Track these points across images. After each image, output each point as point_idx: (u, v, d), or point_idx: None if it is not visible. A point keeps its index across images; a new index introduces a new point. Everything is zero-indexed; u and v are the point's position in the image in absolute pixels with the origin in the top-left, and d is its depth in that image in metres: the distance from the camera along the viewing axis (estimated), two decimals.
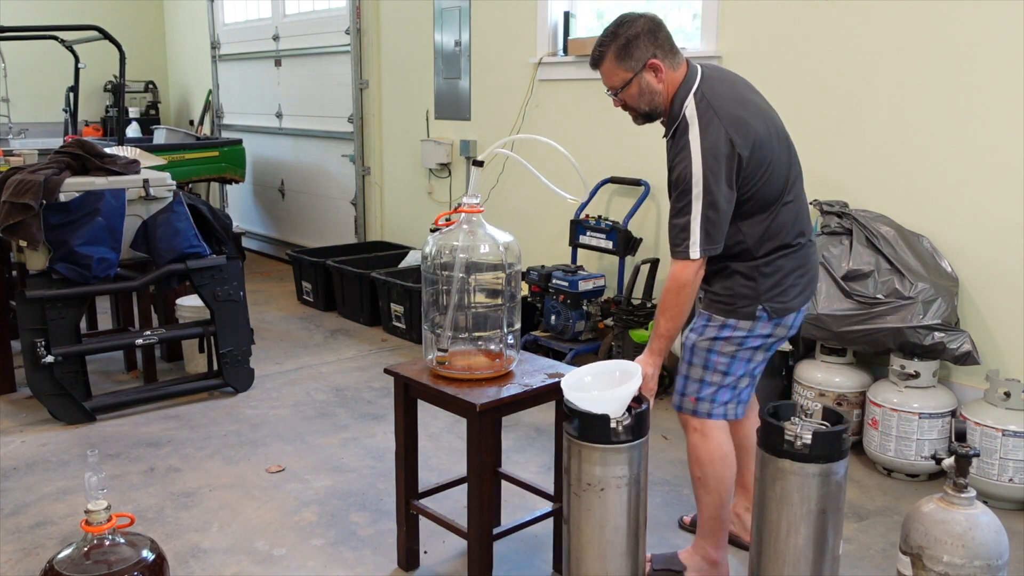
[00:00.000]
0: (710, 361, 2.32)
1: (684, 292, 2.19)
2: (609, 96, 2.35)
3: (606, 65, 2.29)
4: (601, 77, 2.32)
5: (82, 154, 3.79)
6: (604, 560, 2.04)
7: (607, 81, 2.31)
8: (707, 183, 2.18)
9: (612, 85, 2.31)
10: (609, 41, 2.26)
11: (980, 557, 1.83)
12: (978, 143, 3.16)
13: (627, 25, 2.25)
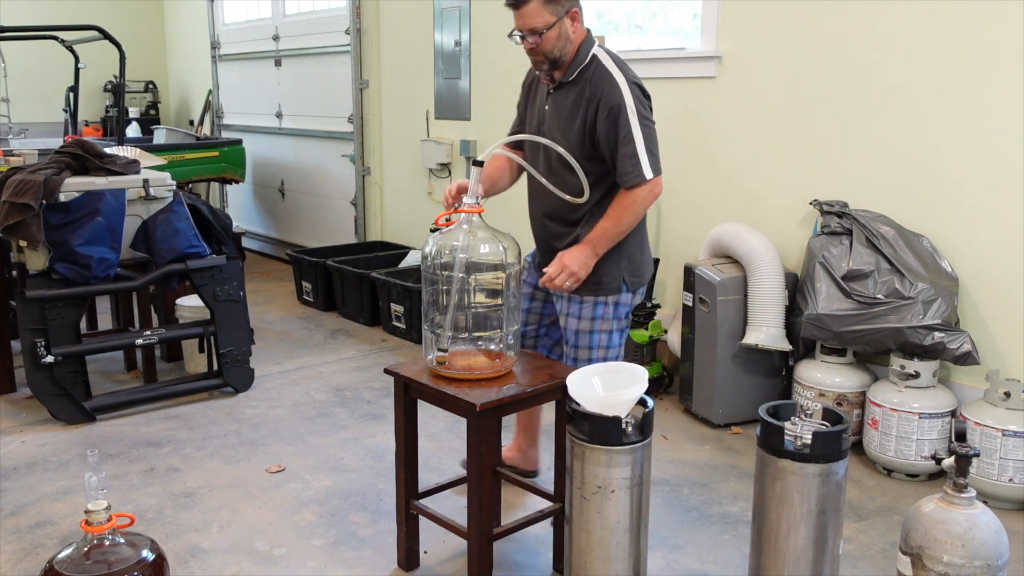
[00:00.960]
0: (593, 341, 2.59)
1: (641, 211, 2.50)
2: (515, 38, 2.42)
3: (533, 5, 2.35)
4: (520, 18, 2.37)
5: (82, 154, 3.79)
6: (609, 561, 2.04)
7: (530, 22, 2.36)
8: (638, 109, 2.44)
9: (534, 26, 2.36)
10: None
11: (980, 557, 1.83)
12: (978, 143, 3.16)
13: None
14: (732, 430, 3.58)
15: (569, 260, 2.46)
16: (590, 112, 2.43)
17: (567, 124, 2.48)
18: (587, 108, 2.43)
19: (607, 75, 2.43)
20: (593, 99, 2.43)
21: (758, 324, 3.43)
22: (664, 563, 2.58)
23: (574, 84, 2.47)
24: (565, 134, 2.48)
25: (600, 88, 2.42)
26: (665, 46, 4.28)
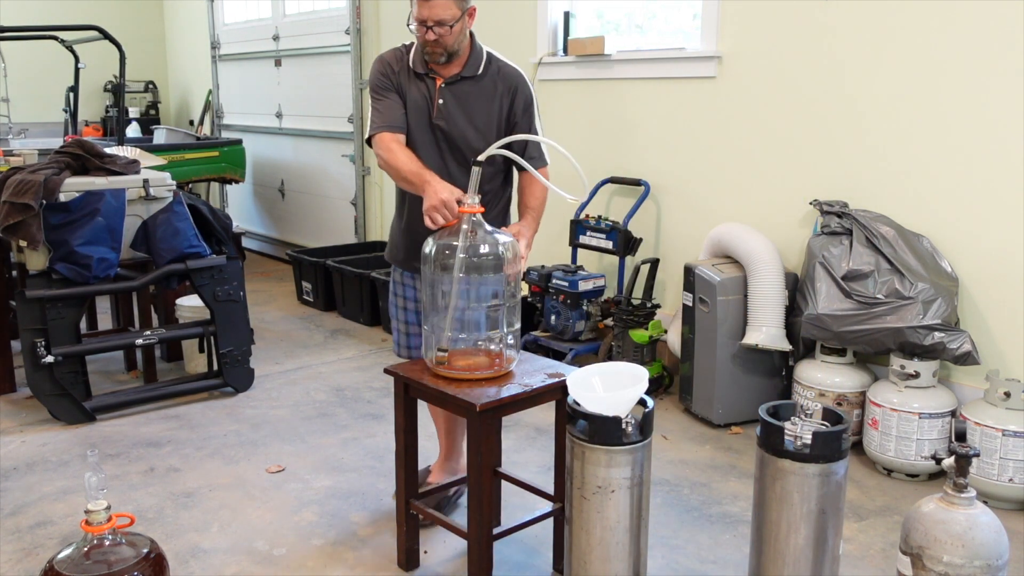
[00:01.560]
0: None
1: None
2: (413, 27, 2.42)
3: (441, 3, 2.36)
4: (429, 8, 2.37)
5: (82, 154, 3.79)
6: (609, 561, 2.04)
7: (440, 13, 2.37)
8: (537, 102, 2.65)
9: (442, 18, 2.38)
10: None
11: (980, 557, 1.83)
12: (978, 143, 3.16)
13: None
14: (732, 430, 3.58)
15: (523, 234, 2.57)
16: (505, 104, 2.57)
17: (478, 116, 2.56)
18: (502, 100, 2.56)
19: (515, 71, 2.59)
20: (508, 92, 2.56)
21: (758, 324, 3.43)
22: (664, 563, 2.58)
23: (479, 79, 2.55)
24: (475, 126, 2.56)
25: (514, 82, 2.57)
26: (665, 46, 4.28)
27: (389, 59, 2.58)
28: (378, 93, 2.57)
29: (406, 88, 2.56)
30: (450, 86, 2.54)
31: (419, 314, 2.69)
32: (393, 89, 2.55)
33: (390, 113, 2.53)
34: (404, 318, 2.79)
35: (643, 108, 4.26)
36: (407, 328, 2.79)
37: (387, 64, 2.57)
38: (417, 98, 2.55)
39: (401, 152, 2.48)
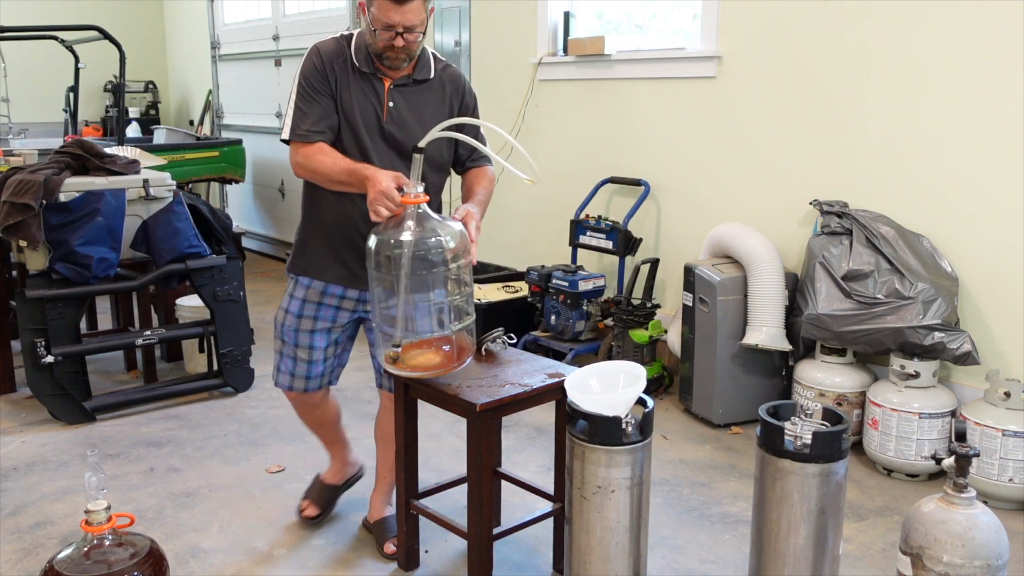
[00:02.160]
0: None
1: None
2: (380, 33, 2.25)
3: (415, 7, 2.22)
4: (403, 14, 2.21)
5: (82, 154, 3.79)
6: (609, 561, 2.04)
7: (414, 17, 2.23)
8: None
9: (414, 24, 2.24)
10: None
11: (980, 557, 1.83)
12: (978, 143, 3.16)
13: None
14: (732, 430, 3.58)
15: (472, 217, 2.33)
16: (455, 106, 2.44)
17: (430, 121, 2.29)
18: (451, 102, 2.44)
19: (458, 72, 2.49)
20: (457, 94, 2.45)
21: (758, 324, 3.43)
22: (664, 563, 2.58)
23: (430, 81, 2.40)
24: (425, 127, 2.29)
25: (461, 84, 2.47)
26: (665, 46, 4.28)
27: (328, 53, 2.34)
28: (309, 93, 2.31)
29: (346, 88, 2.33)
30: (400, 88, 2.36)
31: (331, 334, 2.51)
32: (328, 92, 2.32)
33: (318, 119, 2.30)
34: (309, 342, 2.50)
35: (643, 108, 4.26)
36: (310, 354, 2.51)
37: (326, 60, 2.33)
38: (362, 100, 2.33)
39: (327, 156, 2.28)
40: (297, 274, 2.49)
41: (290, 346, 2.51)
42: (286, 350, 2.52)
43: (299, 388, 2.55)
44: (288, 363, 2.53)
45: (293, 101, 2.32)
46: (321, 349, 2.51)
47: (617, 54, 4.33)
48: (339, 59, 2.34)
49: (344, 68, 2.33)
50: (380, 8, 2.22)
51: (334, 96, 2.32)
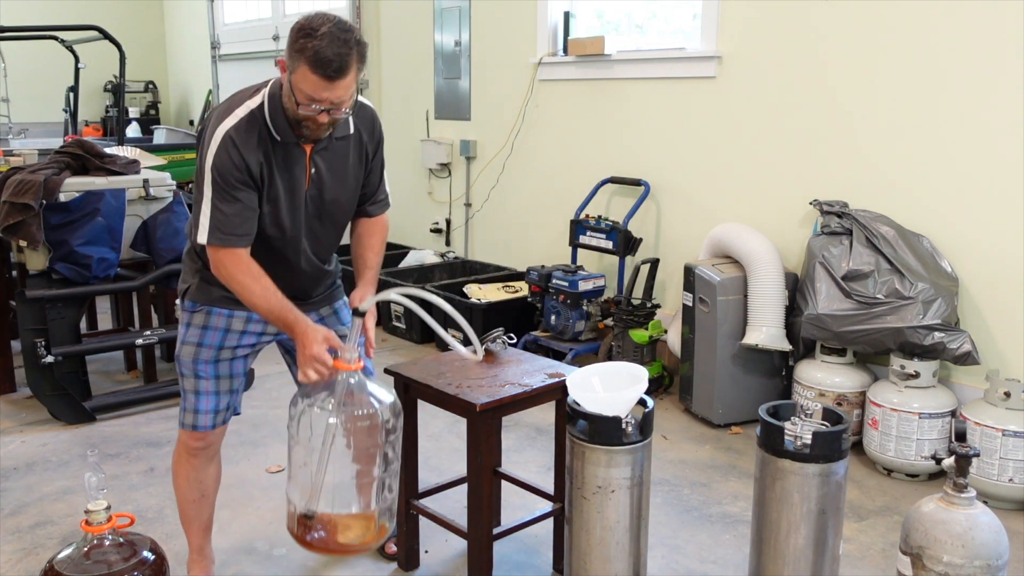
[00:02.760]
0: None
1: None
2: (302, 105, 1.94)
3: (350, 77, 1.93)
4: (332, 90, 1.91)
5: (82, 154, 3.79)
6: (609, 561, 2.04)
7: (344, 93, 1.94)
8: None
9: (343, 99, 1.96)
10: (354, 47, 1.91)
11: (980, 557, 1.83)
12: (978, 143, 3.16)
13: (354, 31, 1.94)
14: (732, 430, 3.58)
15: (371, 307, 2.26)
16: (370, 149, 2.22)
17: (349, 176, 2.19)
18: (366, 148, 2.21)
19: (368, 109, 2.22)
20: (371, 137, 2.21)
21: (758, 324, 3.43)
22: (664, 563, 2.58)
23: (348, 136, 2.17)
24: (345, 186, 2.20)
25: (372, 122, 2.21)
26: (665, 46, 4.28)
27: (244, 143, 2.00)
28: (227, 192, 2.00)
29: (268, 169, 2.05)
30: (321, 152, 2.11)
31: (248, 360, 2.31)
32: (249, 185, 2.02)
33: (241, 221, 2.02)
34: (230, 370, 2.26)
35: (643, 108, 4.26)
36: (231, 383, 2.27)
37: (244, 151, 2.00)
38: (284, 174, 2.08)
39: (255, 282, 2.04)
40: (214, 305, 2.20)
41: (210, 380, 2.23)
42: (204, 386, 2.23)
43: (220, 422, 2.29)
44: (208, 400, 2.24)
45: (208, 198, 2.01)
46: (240, 376, 2.30)
47: (617, 54, 4.33)
48: (257, 142, 2.02)
49: (263, 148, 2.03)
50: (306, 81, 1.90)
51: (256, 186, 2.05)
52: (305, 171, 2.10)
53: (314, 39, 1.87)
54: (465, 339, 2.19)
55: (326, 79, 1.89)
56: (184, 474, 2.36)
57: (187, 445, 2.32)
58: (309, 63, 1.88)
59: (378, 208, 2.32)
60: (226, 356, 2.24)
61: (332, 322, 2.37)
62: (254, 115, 2.02)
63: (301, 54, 1.89)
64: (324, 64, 1.87)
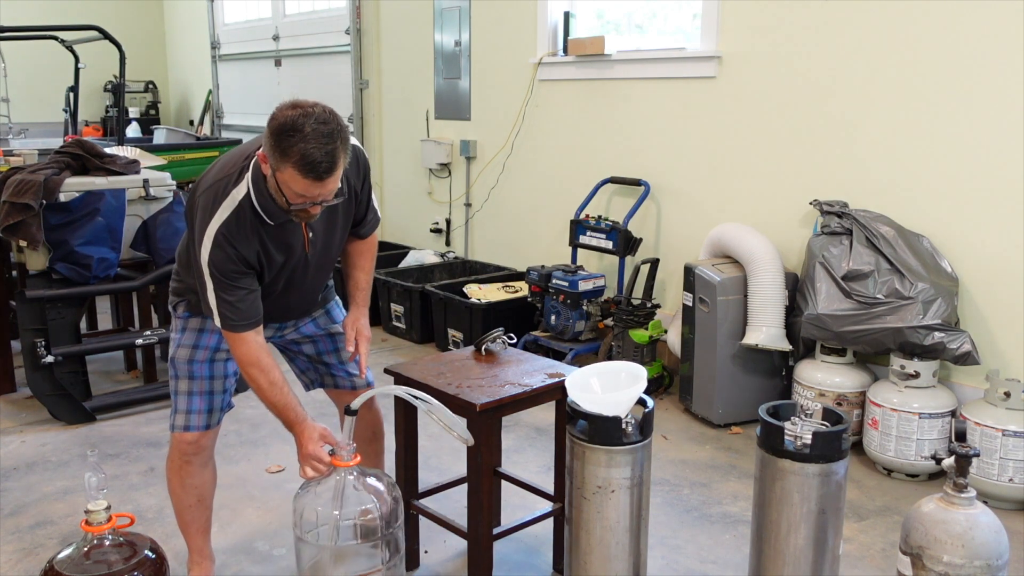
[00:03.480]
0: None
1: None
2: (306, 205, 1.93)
3: (338, 172, 1.90)
4: (321, 187, 1.89)
5: (82, 154, 3.79)
6: (609, 561, 2.04)
7: (335, 185, 1.92)
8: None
9: (333, 191, 1.94)
10: (338, 139, 1.87)
11: (980, 557, 1.83)
12: (978, 143, 3.16)
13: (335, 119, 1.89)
14: (732, 430, 3.58)
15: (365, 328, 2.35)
16: (356, 189, 2.19)
17: (341, 220, 2.20)
18: (353, 192, 2.18)
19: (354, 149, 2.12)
20: (359, 177, 2.18)
21: (758, 324, 3.43)
22: (664, 563, 2.58)
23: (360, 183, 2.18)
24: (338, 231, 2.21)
25: (354, 168, 2.14)
26: (665, 46, 4.28)
27: (236, 237, 2.00)
28: (227, 284, 2.02)
29: (264, 251, 2.07)
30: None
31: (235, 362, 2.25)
32: (249, 273, 2.06)
33: (247, 306, 2.05)
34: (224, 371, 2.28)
35: (643, 108, 4.26)
36: (224, 383, 2.29)
37: (238, 245, 2.01)
38: (283, 247, 2.10)
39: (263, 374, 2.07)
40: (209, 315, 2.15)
41: (204, 380, 2.25)
42: (197, 387, 2.25)
43: (213, 423, 2.30)
44: (202, 400, 2.25)
45: (212, 291, 2.04)
46: (232, 376, 2.31)
47: (617, 54, 4.33)
48: (250, 232, 2.02)
49: (257, 235, 2.03)
50: (295, 182, 1.87)
51: (256, 269, 2.08)
52: (303, 239, 2.13)
53: (299, 141, 1.82)
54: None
55: (316, 180, 1.86)
56: (179, 480, 2.35)
57: (180, 450, 2.30)
58: (297, 167, 1.84)
59: (368, 229, 2.34)
60: (221, 357, 2.26)
61: (324, 321, 2.42)
62: (242, 207, 2.00)
63: (287, 157, 1.84)
64: (313, 167, 1.84)
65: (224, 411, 2.34)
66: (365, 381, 2.43)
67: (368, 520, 1.97)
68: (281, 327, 2.37)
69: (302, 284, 2.23)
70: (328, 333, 2.41)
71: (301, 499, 1.98)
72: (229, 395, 2.34)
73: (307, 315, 2.38)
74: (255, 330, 2.07)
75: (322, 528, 1.96)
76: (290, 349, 2.44)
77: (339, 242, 2.26)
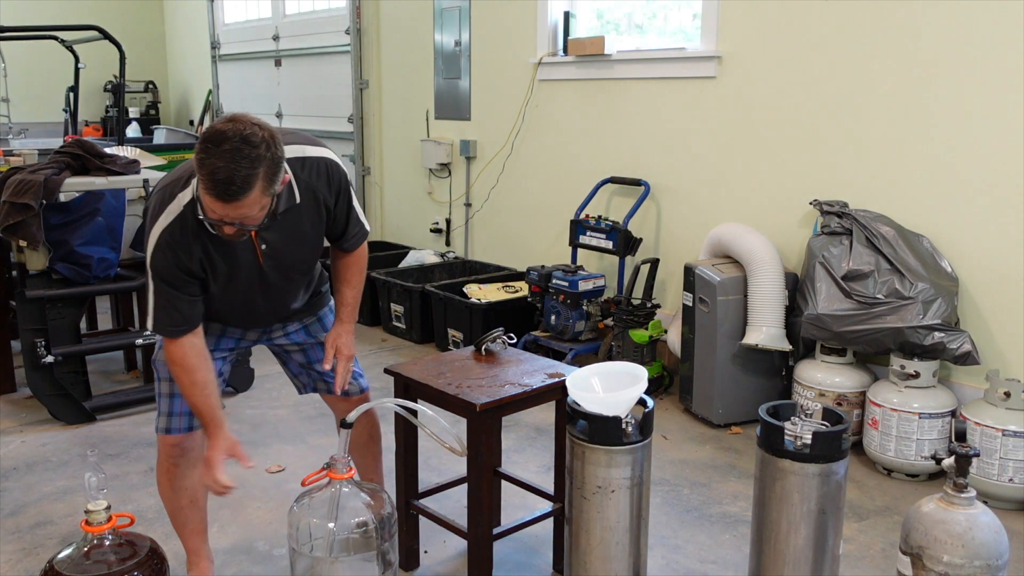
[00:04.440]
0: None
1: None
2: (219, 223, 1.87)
3: (254, 195, 1.81)
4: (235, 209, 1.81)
5: (82, 154, 3.78)
6: (609, 561, 2.04)
7: (250, 210, 1.84)
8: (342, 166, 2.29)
9: (250, 215, 1.86)
10: (260, 164, 1.81)
11: (980, 557, 1.83)
12: (978, 143, 3.16)
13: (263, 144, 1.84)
14: (732, 430, 3.58)
15: (345, 346, 2.33)
16: (331, 204, 2.14)
17: (307, 238, 2.14)
18: (325, 206, 2.13)
19: (323, 162, 2.11)
20: (331, 192, 2.13)
21: (758, 324, 3.43)
22: (664, 563, 2.58)
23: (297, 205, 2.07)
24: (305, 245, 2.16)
25: (324, 181, 2.11)
26: (665, 46, 4.28)
27: (178, 242, 1.97)
28: (165, 289, 2.00)
29: (209, 257, 2.02)
30: (267, 230, 2.01)
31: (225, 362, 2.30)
32: (190, 281, 2.02)
33: (181, 313, 2.02)
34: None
35: (643, 108, 4.26)
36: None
37: (179, 249, 1.98)
38: (231, 258, 2.05)
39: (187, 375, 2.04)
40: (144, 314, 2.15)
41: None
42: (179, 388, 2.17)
43: (197, 424, 2.20)
44: (183, 402, 2.18)
45: (152, 291, 2.02)
46: (218, 376, 2.26)
47: (617, 54, 4.33)
48: (192, 239, 1.99)
49: (200, 243, 2.00)
50: (204, 195, 1.82)
51: (198, 276, 2.04)
52: (254, 251, 2.07)
53: (214, 156, 1.76)
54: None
55: (222, 201, 1.79)
56: (168, 483, 2.31)
57: (166, 453, 2.27)
58: (204, 182, 1.79)
59: (352, 243, 2.30)
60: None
61: (315, 329, 2.39)
62: (186, 213, 1.96)
63: (200, 168, 1.79)
64: (218, 186, 1.77)
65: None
66: (359, 388, 2.42)
67: (363, 533, 1.98)
68: (266, 331, 2.33)
69: (266, 293, 2.17)
70: (319, 342, 2.38)
71: (296, 512, 1.98)
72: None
73: (291, 321, 2.34)
74: (187, 336, 2.04)
75: (317, 541, 1.96)
76: (281, 354, 2.44)
77: (309, 255, 2.20)
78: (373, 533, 1.96)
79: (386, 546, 2.01)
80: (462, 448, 2.06)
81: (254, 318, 2.27)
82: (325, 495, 1.96)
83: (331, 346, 2.33)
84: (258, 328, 2.33)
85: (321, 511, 1.95)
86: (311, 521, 1.96)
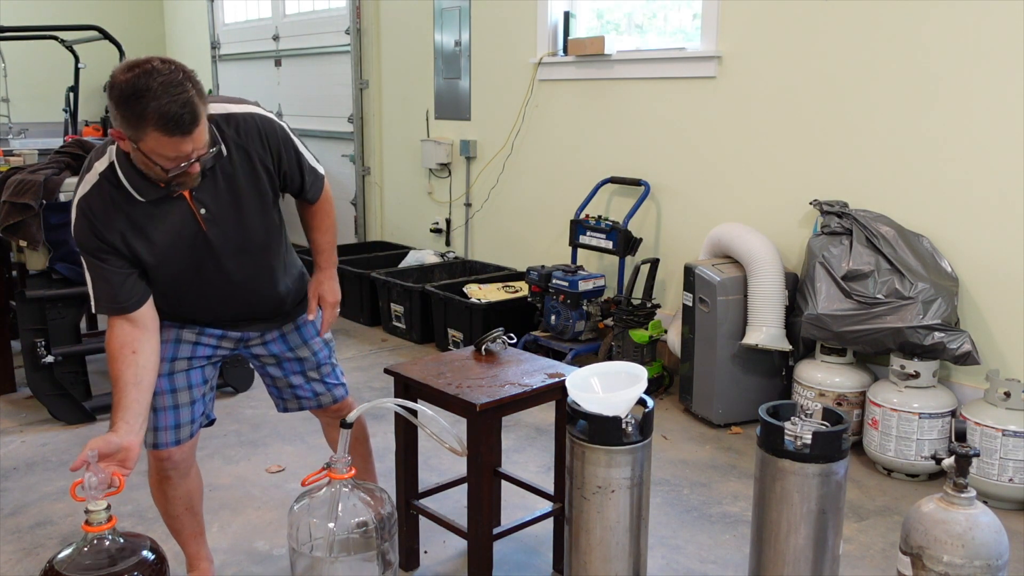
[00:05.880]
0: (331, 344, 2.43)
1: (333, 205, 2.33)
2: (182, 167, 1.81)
3: (201, 126, 1.77)
4: (188, 143, 1.77)
5: (82, 154, 3.78)
6: (609, 561, 2.04)
7: (203, 135, 1.80)
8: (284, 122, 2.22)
9: (204, 142, 1.82)
10: (190, 86, 1.75)
11: (980, 557, 1.83)
12: (979, 143, 3.16)
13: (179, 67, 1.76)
14: (732, 430, 3.58)
15: (329, 293, 2.27)
16: (268, 163, 2.03)
17: (251, 200, 2.04)
18: (255, 165, 2.02)
19: (241, 122, 1.99)
20: (266, 150, 2.03)
21: (758, 324, 3.43)
22: (664, 563, 2.58)
23: (228, 158, 1.97)
24: (252, 211, 2.05)
25: (256, 136, 2.01)
26: (665, 46, 4.28)
27: (97, 207, 1.90)
28: (94, 261, 1.92)
29: (136, 227, 1.93)
30: (201, 188, 1.94)
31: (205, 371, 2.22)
32: (114, 254, 1.93)
33: (115, 288, 1.94)
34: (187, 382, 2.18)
35: (643, 108, 4.27)
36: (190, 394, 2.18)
37: (98, 221, 1.90)
38: (163, 227, 1.95)
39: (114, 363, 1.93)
40: (163, 319, 2.09)
41: (166, 395, 2.13)
42: (160, 402, 2.11)
43: (184, 437, 2.18)
44: (167, 416, 2.14)
45: (85, 268, 1.96)
46: (200, 385, 2.20)
47: (617, 54, 4.33)
48: (113, 207, 1.90)
49: (122, 212, 1.91)
50: (161, 144, 1.76)
51: (123, 252, 1.94)
52: (193, 216, 1.97)
53: (151, 100, 1.70)
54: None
55: (181, 134, 1.74)
56: (161, 494, 2.28)
57: (156, 466, 2.23)
58: (158, 126, 1.72)
59: (314, 192, 2.21)
60: (181, 367, 2.16)
61: (293, 339, 2.31)
62: (102, 182, 1.89)
63: (143, 120, 1.71)
64: (177, 122, 1.72)
65: (197, 423, 2.22)
66: (332, 399, 2.36)
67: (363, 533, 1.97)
68: (244, 337, 2.24)
69: (226, 270, 2.07)
70: (297, 357, 2.31)
71: (296, 512, 1.98)
72: (201, 405, 2.22)
73: (270, 321, 2.25)
74: (124, 316, 1.95)
75: (317, 541, 1.96)
76: (258, 368, 2.37)
77: (259, 223, 2.07)
78: (373, 533, 1.96)
79: (386, 546, 2.01)
80: (462, 448, 2.06)
81: (226, 305, 2.14)
82: (325, 495, 1.96)
83: (314, 295, 2.26)
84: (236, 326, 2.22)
85: (321, 511, 1.95)
86: (311, 521, 1.96)
